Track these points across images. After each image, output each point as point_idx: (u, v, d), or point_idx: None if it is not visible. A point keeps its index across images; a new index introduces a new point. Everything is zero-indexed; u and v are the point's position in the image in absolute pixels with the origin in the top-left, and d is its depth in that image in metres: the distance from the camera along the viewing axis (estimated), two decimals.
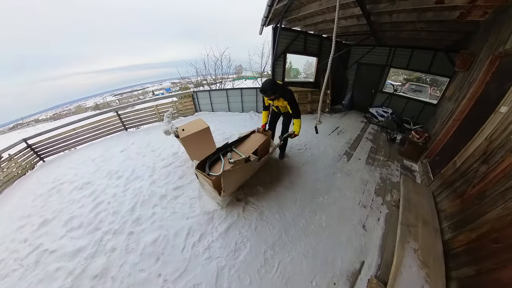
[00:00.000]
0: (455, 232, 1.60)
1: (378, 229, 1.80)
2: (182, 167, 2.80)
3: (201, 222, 1.87)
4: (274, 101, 2.25)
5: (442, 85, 8.66)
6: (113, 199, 2.27)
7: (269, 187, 2.24)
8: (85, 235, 1.86)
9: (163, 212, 2.02)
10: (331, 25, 3.95)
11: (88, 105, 32.04)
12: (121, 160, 3.13)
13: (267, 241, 1.67)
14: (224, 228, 1.79)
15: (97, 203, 2.24)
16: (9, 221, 2.20)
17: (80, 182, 2.67)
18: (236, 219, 1.87)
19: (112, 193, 2.37)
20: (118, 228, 1.88)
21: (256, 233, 1.74)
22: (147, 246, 1.68)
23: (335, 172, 2.49)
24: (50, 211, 2.23)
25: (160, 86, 39.94)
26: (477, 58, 2.54)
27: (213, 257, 1.56)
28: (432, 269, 1.40)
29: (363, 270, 1.47)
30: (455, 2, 2.34)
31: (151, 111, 4.83)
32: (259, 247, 1.62)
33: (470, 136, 2.02)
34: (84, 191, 2.50)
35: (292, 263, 1.49)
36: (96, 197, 2.35)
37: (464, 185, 1.76)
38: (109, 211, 2.11)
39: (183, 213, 1.99)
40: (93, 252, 1.68)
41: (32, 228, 2.03)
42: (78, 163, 3.27)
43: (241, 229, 1.78)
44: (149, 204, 2.14)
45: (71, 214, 2.14)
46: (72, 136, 3.97)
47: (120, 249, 1.68)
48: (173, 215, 1.98)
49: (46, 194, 2.55)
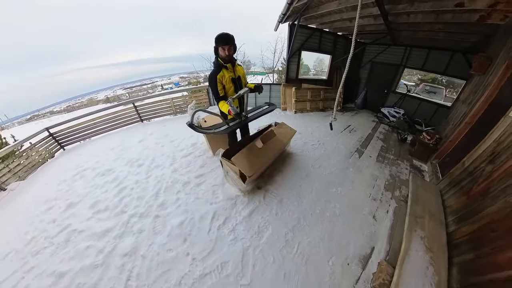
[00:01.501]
0: (458, 225, 1.76)
1: (387, 220, 1.97)
2: (202, 156, 2.95)
3: (225, 207, 2.00)
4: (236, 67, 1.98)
5: (458, 87, 8.46)
6: (136, 185, 2.37)
7: (286, 178, 2.40)
8: (112, 217, 1.95)
9: (187, 198, 2.14)
10: (348, 24, 3.99)
11: (99, 98, 33.12)
12: (140, 150, 3.26)
13: (287, 224, 1.83)
14: (247, 212, 1.93)
15: (120, 189, 2.34)
16: (37, 203, 2.31)
17: (102, 169, 2.79)
18: (258, 205, 2.02)
19: (134, 180, 2.47)
20: (144, 212, 1.98)
21: (277, 217, 1.90)
22: (174, 228, 1.78)
23: (347, 167, 2.65)
24: (75, 195, 2.32)
25: (169, 80, 40.57)
26: (494, 62, 2.58)
27: (238, 238, 1.69)
28: (436, 254, 1.58)
29: (373, 255, 1.64)
30: (475, 5, 2.39)
31: (166, 103, 5.05)
32: (280, 230, 1.77)
33: (480, 139, 2.13)
34: (107, 177, 2.61)
35: (310, 245, 1.66)
36: (119, 183, 2.45)
37: (470, 184, 1.90)
38: (133, 196, 2.20)
39: (207, 199, 2.12)
40: (121, 233, 1.77)
41: (59, 210, 2.13)
42: (98, 151, 3.42)
43: (263, 214, 1.93)
44: (172, 190, 2.25)
45: (95, 198, 2.23)
46: (90, 126, 4.22)
47: (147, 231, 1.78)
48: (197, 201, 2.10)
49: (70, 180, 2.68)
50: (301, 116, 4.72)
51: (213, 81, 1.91)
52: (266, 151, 2.25)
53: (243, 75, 2.13)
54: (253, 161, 2.03)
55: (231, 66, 1.94)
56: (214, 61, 1.92)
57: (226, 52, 1.80)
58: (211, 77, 1.92)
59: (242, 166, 1.91)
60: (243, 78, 2.12)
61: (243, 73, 2.11)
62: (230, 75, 1.96)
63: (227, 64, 1.90)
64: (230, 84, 1.99)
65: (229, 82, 1.98)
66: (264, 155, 2.19)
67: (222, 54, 1.83)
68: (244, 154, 2.04)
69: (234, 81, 2.00)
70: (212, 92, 1.99)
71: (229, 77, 1.95)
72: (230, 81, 1.98)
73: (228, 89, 2.02)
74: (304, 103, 4.94)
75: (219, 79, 1.90)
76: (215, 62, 1.91)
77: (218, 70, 1.89)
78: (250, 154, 2.09)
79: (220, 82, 1.94)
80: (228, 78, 1.95)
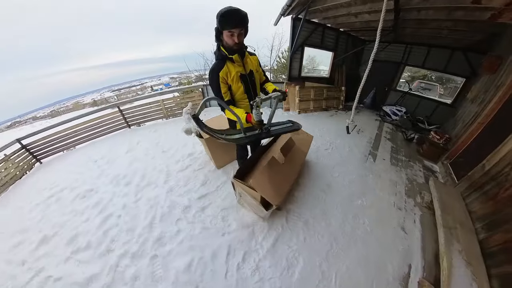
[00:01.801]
0: (489, 233, 1.72)
1: (416, 231, 1.90)
2: (202, 170, 2.52)
3: (241, 238, 1.65)
4: (246, 59, 1.41)
5: (447, 82, 8.80)
6: (123, 212, 1.98)
7: (307, 192, 2.15)
8: (96, 258, 1.58)
9: (191, 228, 1.76)
10: (353, 19, 3.86)
11: (86, 101, 31.03)
12: (128, 163, 2.83)
13: (319, 252, 1.59)
14: (270, 243, 1.62)
15: (105, 217, 1.95)
16: (3, 237, 1.91)
17: (82, 189, 2.36)
18: (281, 231, 1.72)
19: (121, 204, 2.08)
20: (137, 251, 1.61)
21: (306, 245, 1.64)
22: (179, 273, 1.43)
23: (366, 174, 2.56)
24: (50, 225, 1.93)
25: (159, 81, 39.08)
26: (505, 62, 2.58)
27: (265, 279, 1.41)
28: (475, 267, 1.53)
29: (412, 273, 1.56)
30: (491, 3, 2.34)
31: (156, 106, 4.55)
32: (312, 260, 1.53)
33: (497, 140, 2.11)
34: (88, 200, 2.21)
35: (348, 273, 1.48)
36: (102, 208, 2.06)
37: (495, 188, 1.86)
38: (121, 227, 1.81)
39: (217, 229, 1.75)
40: (109, 282, 1.40)
41: (30, 246, 1.74)
42: (78, 166, 2.98)
43: (289, 242, 1.65)
44: (170, 219, 1.86)
45: (75, 229, 1.86)
46: (70, 134, 3.75)
47: (144, 277, 1.43)
48: (205, 232, 1.73)
49: (44, 204, 2.25)
50: (305, 117, 4.59)
51: (214, 80, 1.36)
52: (289, 167, 1.88)
53: (257, 68, 1.54)
54: (278, 183, 1.64)
55: (238, 57, 1.34)
56: (216, 51, 1.37)
57: (235, 38, 1.22)
58: (211, 75, 1.38)
59: (265, 191, 1.51)
60: (256, 73, 1.53)
61: (256, 65, 1.53)
62: (238, 71, 1.38)
63: (233, 55, 1.32)
64: (238, 84, 1.41)
65: (237, 81, 1.40)
66: (288, 172, 1.82)
67: (228, 42, 1.25)
68: (266, 174, 1.62)
69: (244, 78, 1.42)
70: (215, 94, 1.44)
71: (236, 74, 1.37)
72: (238, 79, 1.40)
73: (235, 90, 1.44)
74: (307, 103, 4.80)
75: (222, 77, 1.35)
76: (216, 53, 1.36)
77: (221, 65, 1.35)
78: (273, 173, 1.67)
79: (225, 82, 1.38)
80: (236, 75, 1.37)
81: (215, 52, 1.39)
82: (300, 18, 4.11)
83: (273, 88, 1.56)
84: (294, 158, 2.03)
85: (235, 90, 1.47)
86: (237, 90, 1.47)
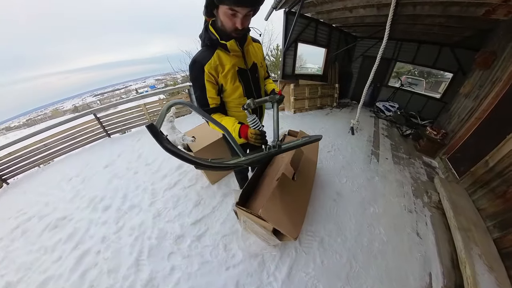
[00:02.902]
0: (503, 231, 1.69)
1: (430, 235, 1.85)
2: (194, 187, 2.17)
3: (250, 271, 1.41)
4: (247, 46, 0.99)
5: (429, 77, 9.21)
6: (103, 246, 1.63)
7: (317, 204, 1.96)
8: None
9: (187, 264, 1.46)
10: (347, 14, 3.76)
11: (66, 107, 28.41)
12: (107, 180, 2.44)
13: (340, 275, 1.43)
14: (285, 272, 1.41)
15: (81, 254, 1.60)
16: None
17: (53, 218, 1.99)
18: (295, 257, 1.51)
19: (100, 236, 1.73)
20: None
21: (325, 268, 1.47)
22: None
23: (373, 176, 2.49)
24: (14, 268, 1.58)
25: (144, 83, 37.05)
26: (499, 58, 2.62)
27: None
28: (497, 272, 1.48)
29: (433, 282, 1.49)
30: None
31: (138, 111, 4.06)
32: (333, 286, 1.37)
33: (498, 136, 2.12)
34: (60, 231, 1.84)
35: None
36: (78, 242, 1.71)
37: (503, 186, 1.85)
38: (101, 268, 1.48)
39: (219, 261, 1.48)
40: None
41: None
42: (50, 186, 2.54)
43: (306, 268, 1.45)
44: (161, 253, 1.54)
45: (44, 273, 1.50)
46: (41, 149, 3.25)
47: None
48: (205, 267, 1.44)
49: (7, 238, 1.89)
50: (301, 116, 4.47)
51: (198, 77, 0.93)
52: (302, 184, 1.57)
53: (262, 61, 1.13)
54: (293, 208, 1.36)
55: (235, 44, 0.90)
56: (202, 34, 0.93)
57: (237, 21, 0.78)
58: (192, 70, 0.94)
59: (280, 223, 1.24)
60: (261, 68, 1.12)
61: (262, 56, 1.13)
62: (235, 64, 0.96)
63: (230, 40, 0.88)
64: (235, 83, 0.99)
65: (234, 79, 0.98)
66: (302, 191, 1.53)
67: (226, 24, 0.81)
68: (277, 199, 1.32)
69: (244, 75, 1.01)
70: (196, 98, 1.00)
71: (233, 68, 0.96)
72: (235, 77, 0.98)
73: (230, 93, 1.02)
74: (302, 101, 4.68)
75: (209, 74, 0.92)
76: (203, 36, 0.93)
77: (208, 54, 0.91)
78: (285, 196, 1.37)
79: (213, 81, 0.95)
80: (232, 69, 0.95)
81: (200, 35, 0.94)
82: (293, 12, 3.92)
83: (272, 88, 1.23)
84: (306, 172, 1.73)
85: (230, 93, 1.01)
86: (233, 92, 1.02)
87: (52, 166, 3.22)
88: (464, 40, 3.73)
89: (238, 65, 0.97)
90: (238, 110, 1.10)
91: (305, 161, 1.84)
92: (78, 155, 3.38)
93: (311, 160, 1.93)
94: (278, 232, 1.33)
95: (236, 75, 0.98)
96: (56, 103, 47.62)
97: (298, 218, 1.37)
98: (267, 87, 1.28)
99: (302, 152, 1.88)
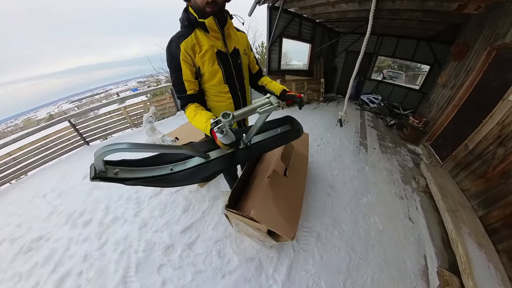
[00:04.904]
0: (487, 209, 1.78)
1: (421, 218, 1.91)
2: (181, 192, 2.04)
3: (248, 276, 1.34)
4: (228, 29, 0.95)
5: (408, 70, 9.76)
6: (85, 266, 1.47)
7: (312, 199, 1.93)
8: None
9: (180, 276, 1.35)
10: (330, 9, 3.80)
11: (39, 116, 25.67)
12: (86, 193, 2.23)
13: (340, 269, 1.41)
14: (284, 273, 1.36)
15: (60, 277, 1.41)
16: None
17: (27, 239, 1.77)
18: (293, 255, 1.46)
19: (81, 254, 1.55)
20: None
21: (324, 263, 1.44)
22: None
23: (363, 166, 2.52)
24: None
25: (126, 86, 35.02)
26: (472, 49, 2.79)
27: None
28: (486, 248, 1.55)
29: (428, 264, 1.52)
30: None
31: (118, 115, 3.77)
32: (335, 280, 1.35)
33: (474, 120, 2.25)
34: (35, 254, 1.62)
35: (373, 283, 1.37)
36: (56, 264, 1.51)
37: (483, 167, 1.95)
38: None
39: (214, 269, 1.38)
40: None
41: None
42: (22, 205, 2.29)
43: (306, 265, 1.41)
44: (150, 267, 1.42)
45: None
46: (9, 163, 2.87)
47: None
48: (199, 277, 1.34)
49: None
50: (288, 112, 4.44)
51: (174, 56, 0.87)
52: (295, 179, 1.52)
53: (246, 49, 1.06)
54: (287, 206, 1.30)
55: (214, 23, 0.86)
56: (181, 17, 0.90)
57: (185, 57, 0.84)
58: (169, 49, 0.88)
59: (274, 223, 1.17)
60: (245, 56, 1.05)
61: (246, 45, 1.06)
62: (214, 45, 0.90)
63: (208, 18, 0.83)
64: (214, 66, 0.92)
65: (212, 61, 0.91)
66: (295, 187, 1.48)
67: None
68: (269, 198, 1.24)
69: (224, 58, 0.94)
70: (173, 84, 0.94)
71: (211, 49, 0.90)
72: (213, 59, 0.91)
73: (209, 77, 0.95)
74: None
75: (185, 53, 0.85)
76: (182, 18, 0.90)
77: (186, 34, 0.87)
78: (278, 194, 1.31)
79: (189, 61, 0.88)
80: (210, 50, 0.89)
81: (180, 18, 0.90)
82: (276, 7, 3.89)
83: (282, 88, 1.08)
84: (297, 167, 1.67)
85: (209, 77, 0.95)
86: (212, 76, 0.95)
87: (24, 182, 2.85)
88: (439, 34, 3.95)
89: (217, 47, 0.92)
90: (219, 100, 1.06)
91: (296, 155, 1.77)
92: (53, 167, 3.05)
93: (302, 154, 1.86)
94: (273, 232, 1.25)
95: (215, 57, 0.92)
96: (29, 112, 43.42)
97: (294, 216, 1.31)
98: (270, 86, 1.15)
99: (292, 147, 1.83)
